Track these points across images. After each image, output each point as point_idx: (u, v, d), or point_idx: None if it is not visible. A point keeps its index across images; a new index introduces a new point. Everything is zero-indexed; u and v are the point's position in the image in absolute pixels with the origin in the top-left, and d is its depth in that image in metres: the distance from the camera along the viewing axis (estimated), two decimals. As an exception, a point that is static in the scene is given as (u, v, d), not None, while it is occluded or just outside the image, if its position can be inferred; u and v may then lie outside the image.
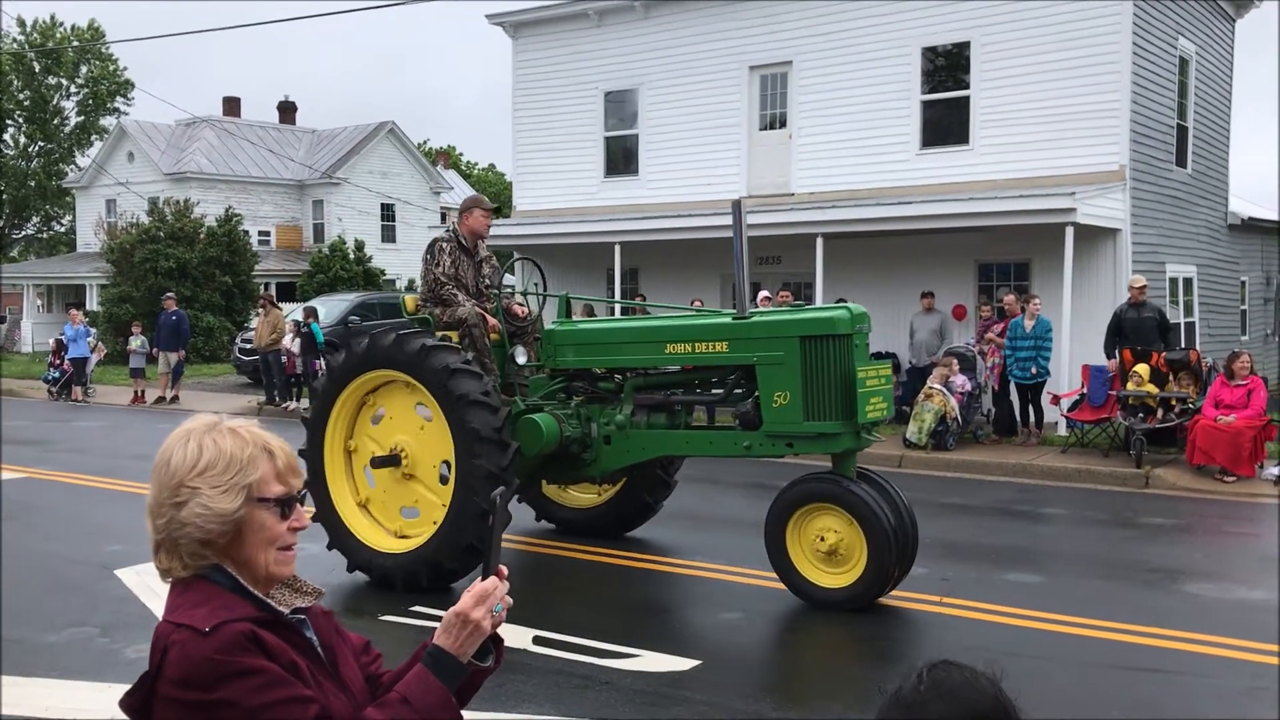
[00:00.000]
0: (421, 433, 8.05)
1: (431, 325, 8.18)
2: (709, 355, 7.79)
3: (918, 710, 1.43)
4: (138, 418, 19.89)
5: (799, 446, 7.53)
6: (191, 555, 1.87)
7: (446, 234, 8.63)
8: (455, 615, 1.94)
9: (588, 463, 8.29)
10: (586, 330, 8.57)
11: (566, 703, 5.77)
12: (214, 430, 1.91)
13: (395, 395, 8.19)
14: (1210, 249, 20.84)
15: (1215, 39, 20.70)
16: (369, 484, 8.32)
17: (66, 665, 6.36)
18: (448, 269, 8.42)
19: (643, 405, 8.15)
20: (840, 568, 7.34)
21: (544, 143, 22.19)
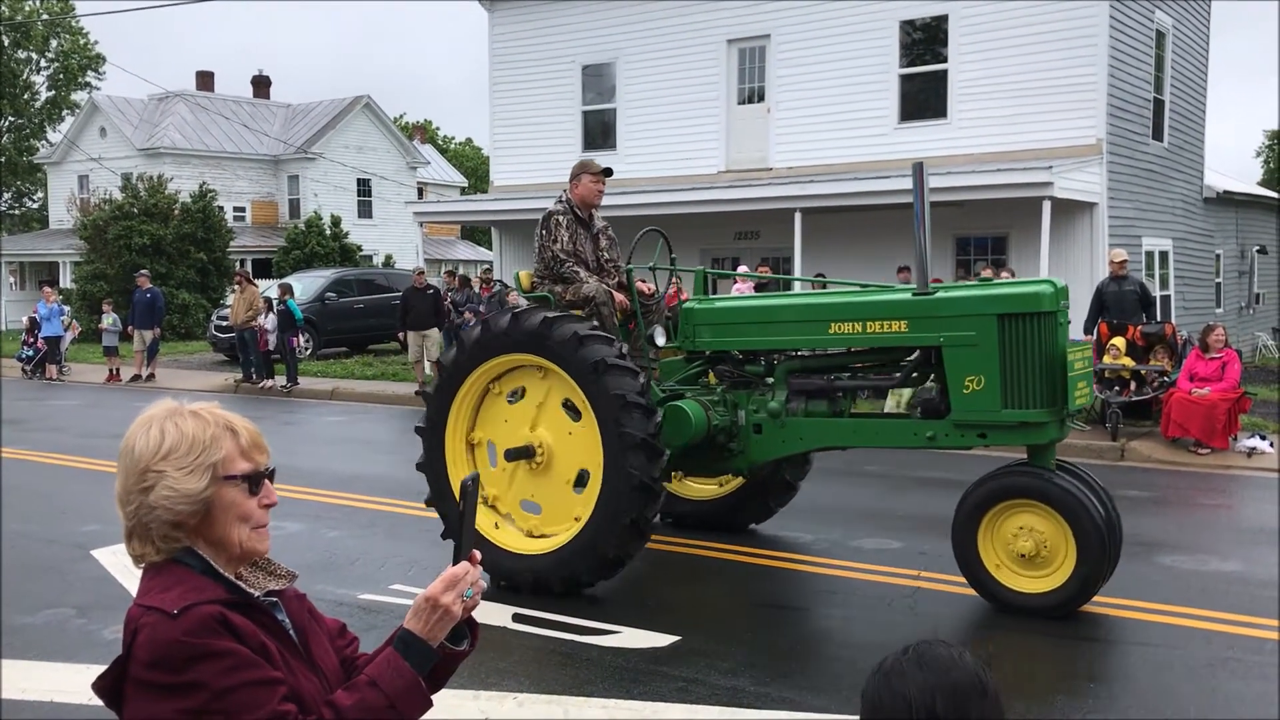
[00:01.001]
0: (559, 425, 7.32)
1: (551, 304, 7.44)
2: (884, 335, 6.95)
3: (897, 679, 1.47)
4: (113, 396, 19.75)
5: (994, 437, 6.74)
6: (163, 539, 1.88)
7: (560, 205, 7.80)
8: (425, 600, 1.95)
9: (734, 454, 7.54)
10: (734, 308, 7.72)
11: (546, 679, 5.78)
12: (175, 414, 1.93)
13: (528, 382, 7.45)
14: (1186, 222, 20.95)
15: (1192, 13, 20.74)
16: (494, 478, 7.65)
17: (43, 647, 6.33)
18: (566, 244, 7.63)
19: (799, 391, 7.36)
20: (1042, 571, 6.62)
21: (521, 117, 22.07)
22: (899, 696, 1.44)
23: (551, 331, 7.01)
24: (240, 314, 20.39)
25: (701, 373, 7.90)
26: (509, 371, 7.46)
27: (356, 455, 13.36)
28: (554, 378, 7.22)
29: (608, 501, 6.91)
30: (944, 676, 1.46)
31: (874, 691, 1.48)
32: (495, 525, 7.46)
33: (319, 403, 18.80)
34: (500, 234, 22.99)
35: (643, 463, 6.78)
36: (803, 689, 5.65)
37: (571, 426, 7.27)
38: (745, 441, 7.47)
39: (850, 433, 7.29)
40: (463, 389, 7.50)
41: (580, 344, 6.92)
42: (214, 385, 20.86)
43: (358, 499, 10.38)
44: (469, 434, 7.63)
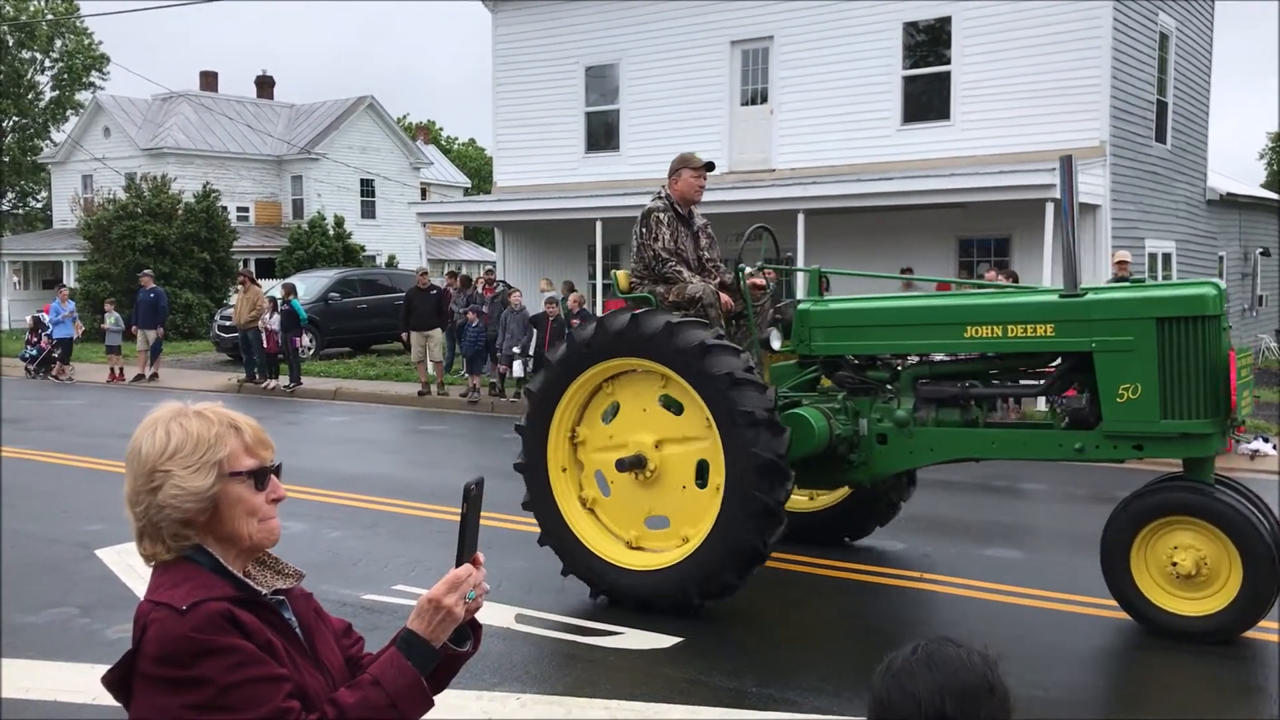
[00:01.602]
0: (647, 415, 6.98)
1: (653, 306, 7.08)
2: (1027, 340, 6.50)
3: (905, 679, 1.47)
4: (116, 396, 19.77)
5: (1151, 449, 6.34)
6: (173, 537, 1.92)
7: (660, 201, 7.39)
8: (428, 601, 1.97)
9: (854, 465, 7.10)
10: (856, 310, 7.23)
11: (549, 680, 5.79)
12: (180, 415, 1.96)
13: (632, 387, 7.07)
14: (1189, 224, 20.94)
15: (1195, 14, 20.74)
16: (603, 491, 7.25)
17: (46, 646, 6.33)
18: (668, 242, 7.23)
19: (929, 398, 6.92)
20: (1201, 592, 6.23)
21: (524, 118, 22.08)
22: (909, 696, 1.45)
23: (674, 338, 6.61)
24: (244, 314, 20.41)
25: (816, 378, 7.48)
26: (621, 375, 7.07)
27: (359, 455, 13.37)
28: (660, 380, 6.88)
29: (726, 523, 6.51)
30: (953, 677, 1.46)
31: (883, 691, 1.48)
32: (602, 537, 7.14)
33: (322, 403, 18.82)
34: (503, 235, 23.00)
35: (769, 485, 6.39)
36: (805, 690, 5.65)
37: (671, 418, 6.90)
38: (868, 452, 7.04)
39: (987, 444, 6.81)
40: (570, 390, 7.12)
41: (706, 353, 6.52)
42: (217, 385, 20.88)
43: (361, 499, 10.39)
44: (573, 435, 7.29)
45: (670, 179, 7.50)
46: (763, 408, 6.40)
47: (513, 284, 19.89)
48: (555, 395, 7.15)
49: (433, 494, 10.50)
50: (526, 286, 20.52)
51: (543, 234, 21.93)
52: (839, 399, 7.18)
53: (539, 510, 7.28)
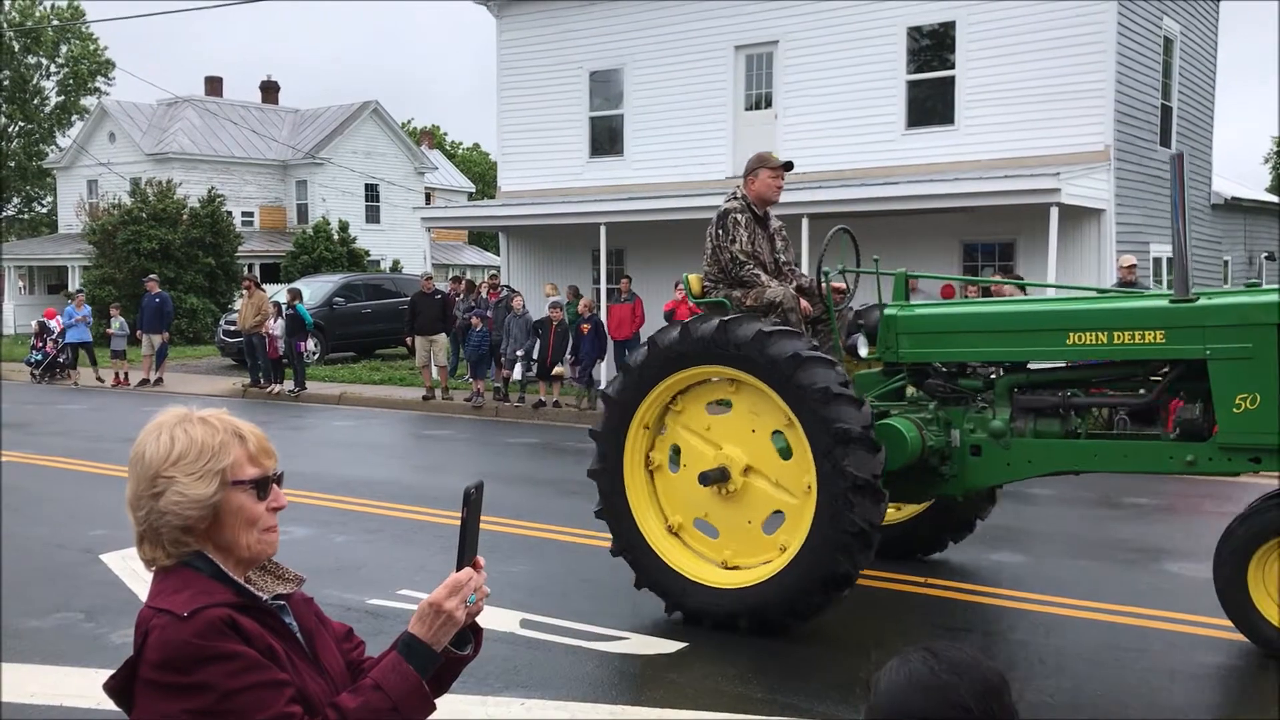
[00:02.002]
0: (754, 439, 6.65)
1: (729, 310, 6.81)
2: (1135, 347, 6.16)
3: (950, 691, 1.44)
4: (121, 400, 19.80)
5: (1270, 462, 6.00)
6: (173, 543, 1.92)
7: (736, 202, 7.06)
8: (429, 605, 1.98)
9: (945, 478, 6.77)
10: (947, 315, 6.92)
11: (553, 685, 5.78)
12: (185, 421, 1.96)
13: (724, 395, 6.80)
14: (1194, 229, 20.90)
15: (1199, 18, 20.72)
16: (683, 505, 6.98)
17: (51, 650, 6.34)
18: (745, 244, 6.91)
19: (1027, 408, 6.59)
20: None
21: (529, 123, 22.09)
22: (958, 708, 1.43)
23: (767, 347, 6.31)
24: (248, 319, 20.44)
25: (901, 387, 7.11)
26: (701, 383, 6.82)
27: (364, 460, 13.38)
28: (749, 389, 6.59)
29: (816, 544, 6.24)
30: (985, 683, 1.46)
31: (924, 705, 1.44)
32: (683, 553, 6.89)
33: (327, 407, 18.84)
34: (507, 239, 23.01)
35: (863, 506, 6.11)
36: (810, 695, 5.64)
37: (756, 427, 6.64)
38: (960, 464, 6.71)
39: (1089, 456, 6.46)
40: (651, 396, 6.85)
41: (799, 366, 6.22)
42: (222, 390, 20.91)
43: (365, 504, 10.39)
44: (647, 458, 7.02)
45: (746, 179, 7.18)
46: (859, 424, 6.12)
47: (517, 288, 19.89)
48: (634, 401, 6.89)
49: (437, 498, 10.51)
50: (531, 291, 20.53)
51: (547, 238, 21.94)
52: (930, 408, 6.84)
53: (613, 520, 7.01)
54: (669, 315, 16.49)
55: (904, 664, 1.49)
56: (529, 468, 13.04)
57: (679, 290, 16.70)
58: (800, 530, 6.38)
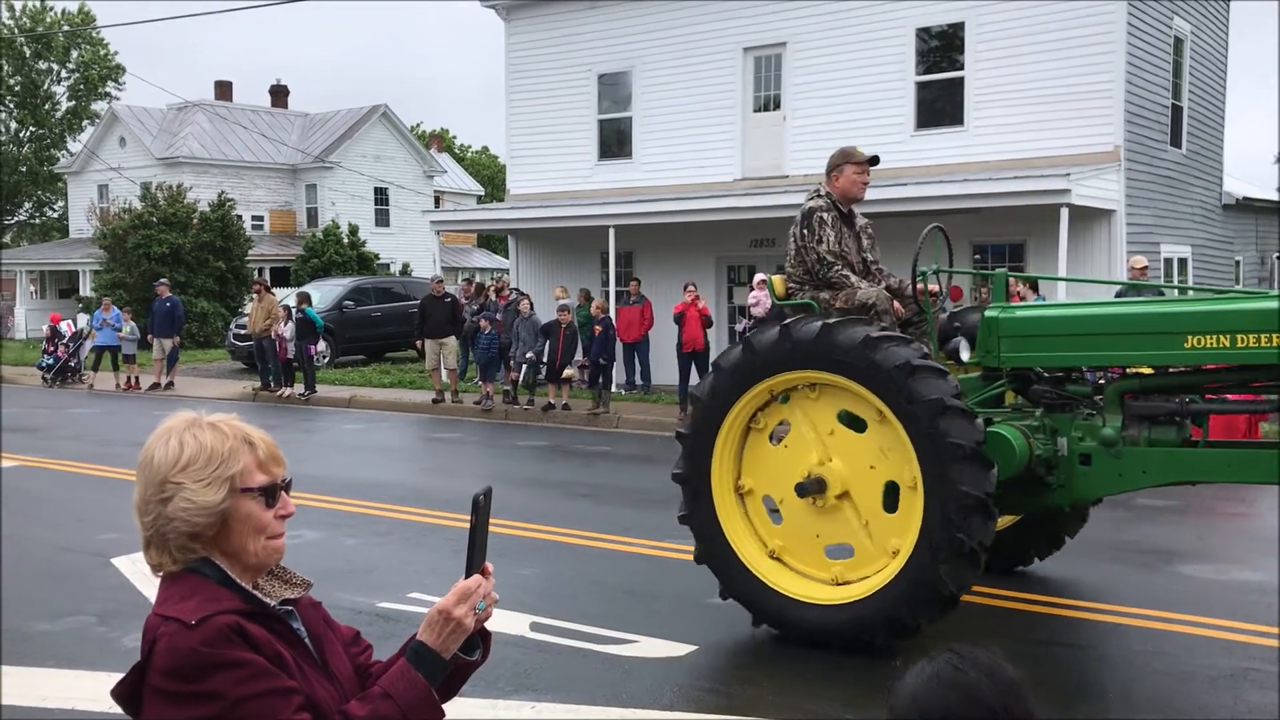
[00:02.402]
0: (853, 449, 6.32)
1: (817, 312, 6.55)
2: (1260, 351, 5.75)
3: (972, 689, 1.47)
4: (132, 404, 19.85)
5: None
6: (180, 549, 1.91)
7: (820, 200, 6.81)
8: (438, 613, 1.98)
9: (1052, 488, 6.40)
10: (1053, 318, 6.61)
11: (563, 688, 5.77)
12: (194, 426, 1.95)
13: (806, 403, 6.48)
14: (1205, 229, 20.84)
15: (1210, 18, 20.65)
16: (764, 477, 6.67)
17: (63, 654, 6.36)
18: (833, 244, 6.64)
19: (1141, 415, 6.18)
20: None
21: (538, 126, 22.11)
22: (981, 705, 1.45)
23: (875, 354, 5.98)
24: (259, 322, 20.48)
25: (1001, 393, 6.77)
26: (796, 388, 6.51)
27: (374, 463, 13.40)
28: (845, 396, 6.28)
29: (921, 562, 5.92)
30: (1007, 683, 1.48)
31: (945, 700, 1.47)
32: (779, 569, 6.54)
33: (337, 410, 18.87)
34: (517, 242, 23.03)
35: (972, 525, 5.79)
36: (823, 699, 5.63)
37: (853, 437, 6.33)
38: (1068, 474, 6.32)
39: (1209, 466, 6.05)
40: (743, 400, 6.54)
41: (912, 374, 5.88)
42: (232, 393, 20.95)
43: (375, 507, 10.40)
44: (736, 474, 6.72)
45: (830, 176, 6.92)
46: (973, 440, 5.81)
47: (525, 291, 19.90)
48: (725, 404, 6.57)
49: (447, 501, 10.51)
50: (540, 293, 20.54)
51: (556, 241, 21.95)
52: (1036, 415, 6.49)
53: (697, 526, 6.71)
54: (678, 318, 16.50)
55: (929, 664, 1.52)
56: (538, 471, 13.04)
57: (688, 292, 16.71)
58: (901, 547, 6.06)
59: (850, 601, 6.18)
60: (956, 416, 5.82)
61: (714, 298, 19.63)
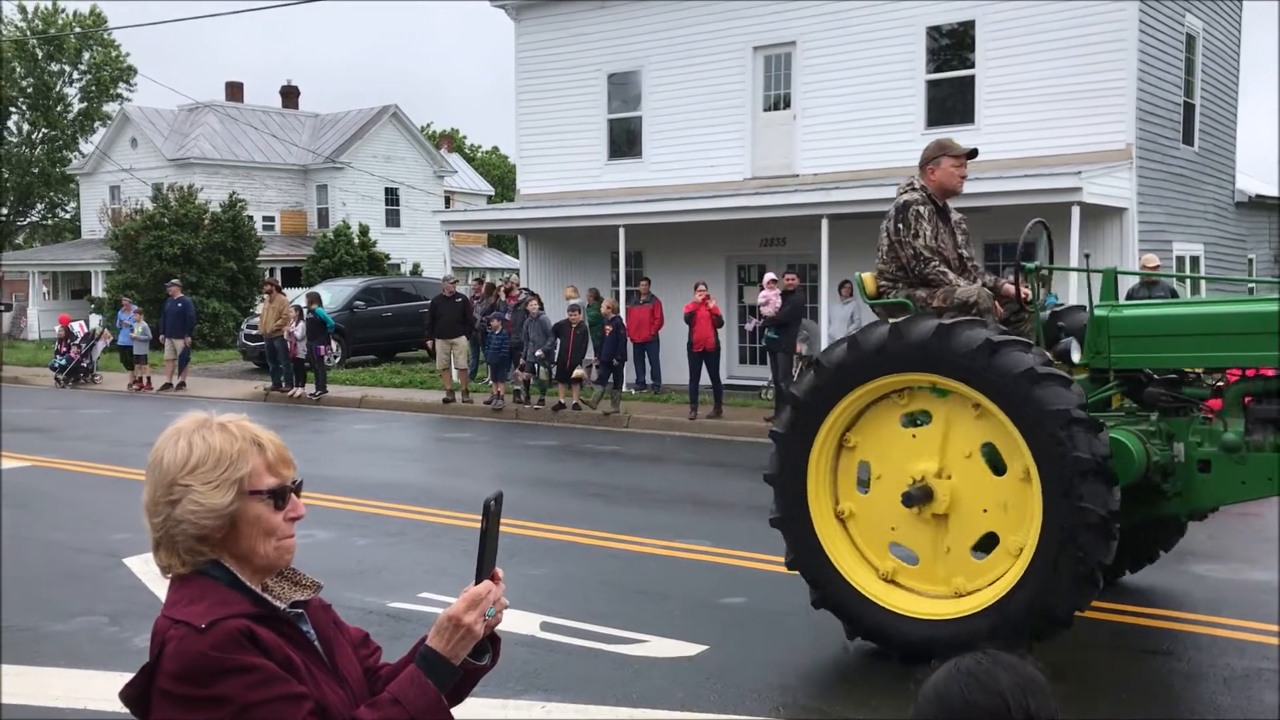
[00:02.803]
0: (979, 484, 5.91)
1: (912, 311, 6.20)
2: None
3: (987, 679, 1.51)
4: (143, 405, 19.92)
5: None
6: (189, 551, 1.90)
7: (916, 193, 6.46)
8: (448, 619, 1.96)
9: (1168, 496, 6.08)
10: (1170, 317, 6.27)
11: (574, 688, 5.77)
12: (204, 427, 1.94)
13: (927, 405, 6.12)
14: (1218, 227, 20.75)
15: (1223, 15, 20.56)
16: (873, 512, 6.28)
17: (75, 654, 6.38)
18: (930, 240, 6.29)
19: (1264, 419, 5.82)
20: None
21: (547, 126, 22.12)
22: (995, 695, 1.49)
23: (995, 359, 5.65)
24: (270, 322, 20.54)
25: (1109, 396, 6.43)
26: (899, 391, 6.15)
27: (385, 463, 13.42)
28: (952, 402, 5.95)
29: (1035, 580, 5.61)
30: (1026, 676, 1.52)
31: (961, 691, 1.51)
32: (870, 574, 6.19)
33: (348, 410, 18.90)
34: (527, 242, 23.04)
35: (1094, 544, 5.48)
36: (833, 698, 5.62)
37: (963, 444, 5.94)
38: (1186, 481, 6.00)
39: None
40: (846, 401, 6.17)
41: (1035, 383, 5.55)
42: (244, 393, 21.00)
43: (386, 507, 10.41)
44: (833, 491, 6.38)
45: (926, 168, 6.55)
46: (1099, 454, 5.48)
47: (536, 291, 19.91)
48: (826, 404, 6.21)
49: (458, 501, 10.52)
50: (551, 293, 20.55)
51: (566, 241, 21.95)
52: (1151, 420, 6.16)
53: (790, 531, 6.39)
54: (689, 317, 16.49)
55: (958, 659, 1.56)
56: (549, 471, 13.05)
57: (699, 291, 16.70)
58: (1013, 564, 5.75)
59: (955, 617, 5.82)
60: (1083, 429, 5.51)
61: (724, 297, 19.61)
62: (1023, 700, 1.48)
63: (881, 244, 6.51)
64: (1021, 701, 1.48)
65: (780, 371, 15.39)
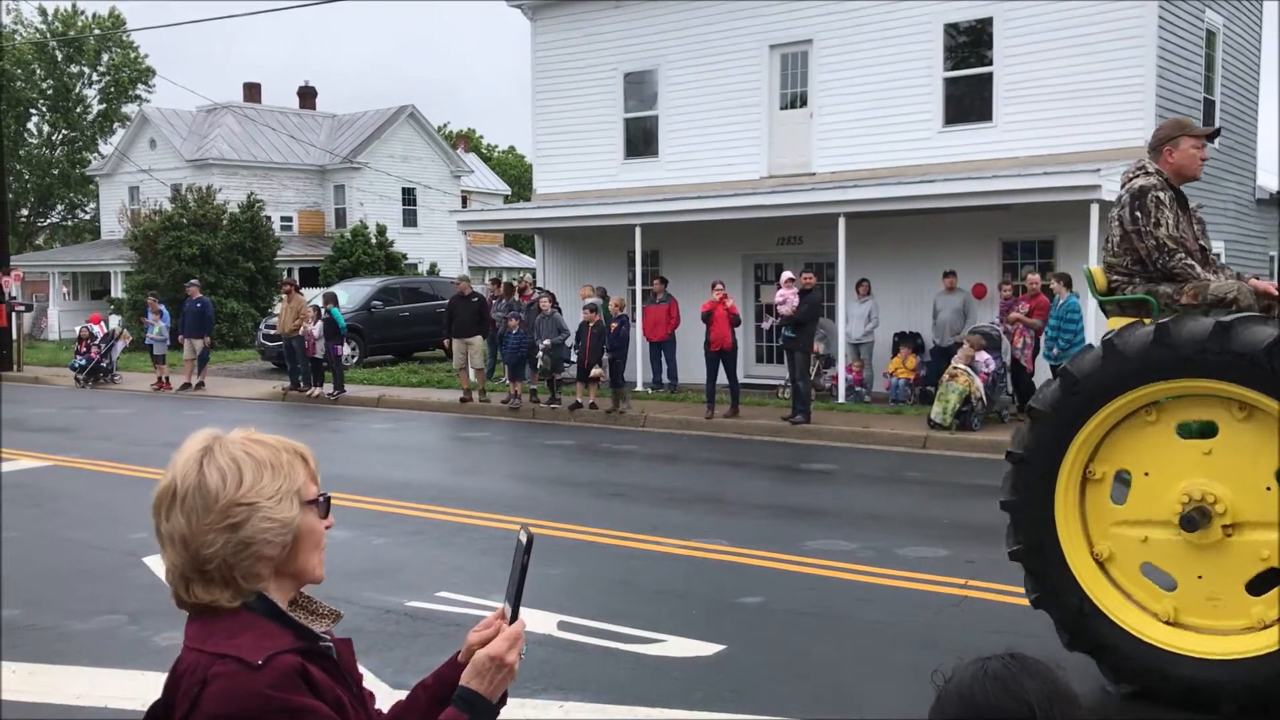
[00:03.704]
0: (1249, 471, 5.18)
1: (1155, 309, 5.55)
2: None
3: (1012, 684, 1.49)
4: (163, 404, 20.02)
5: None
6: (249, 578, 1.73)
7: (1153, 178, 5.75)
8: (489, 659, 1.86)
9: None
10: None
11: (591, 688, 5.77)
12: (236, 444, 1.78)
13: (1215, 418, 5.32)
14: (1238, 224, 20.62)
15: (1243, 11, 20.42)
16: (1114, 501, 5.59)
17: (96, 653, 6.41)
18: (1173, 229, 5.59)
19: None
20: None
21: (564, 125, 22.14)
22: (1020, 702, 1.46)
23: (1236, 342, 5.04)
24: (288, 322, 20.61)
25: None
26: (1177, 399, 5.41)
27: (402, 462, 13.44)
28: (1221, 409, 5.26)
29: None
30: (1054, 684, 1.49)
31: (986, 694, 1.48)
32: (1132, 609, 5.52)
33: (365, 410, 18.95)
34: (543, 241, 23.07)
35: None
36: (850, 699, 5.60)
37: (1247, 458, 5.19)
38: None
39: None
40: (1102, 414, 5.45)
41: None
42: (262, 393, 21.09)
43: (404, 506, 10.43)
44: (1084, 520, 5.65)
45: (1162, 150, 5.87)
46: None
47: (552, 290, 19.93)
48: (1076, 420, 5.48)
49: (475, 501, 10.53)
50: (567, 292, 20.56)
51: (582, 240, 21.96)
52: None
53: (1034, 563, 5.67)
54: (706, 316, 16.47)
55: (983, 661, 1.55)
56: (566, 470, 13.06)
57: (716, 290, 16.67)
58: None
59: (1255, 655, 5.10)
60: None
61: (740, 296, 19.58)
62: (1049, 709, 1.46)
63: (1113, 234, 5.80)
64: (1048, 711, 1.46)
65: (797, 370, 15.36)
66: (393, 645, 6.22)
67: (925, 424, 14.33)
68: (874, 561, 8.21)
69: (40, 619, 7.02)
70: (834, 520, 9.72)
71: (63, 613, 7.16)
